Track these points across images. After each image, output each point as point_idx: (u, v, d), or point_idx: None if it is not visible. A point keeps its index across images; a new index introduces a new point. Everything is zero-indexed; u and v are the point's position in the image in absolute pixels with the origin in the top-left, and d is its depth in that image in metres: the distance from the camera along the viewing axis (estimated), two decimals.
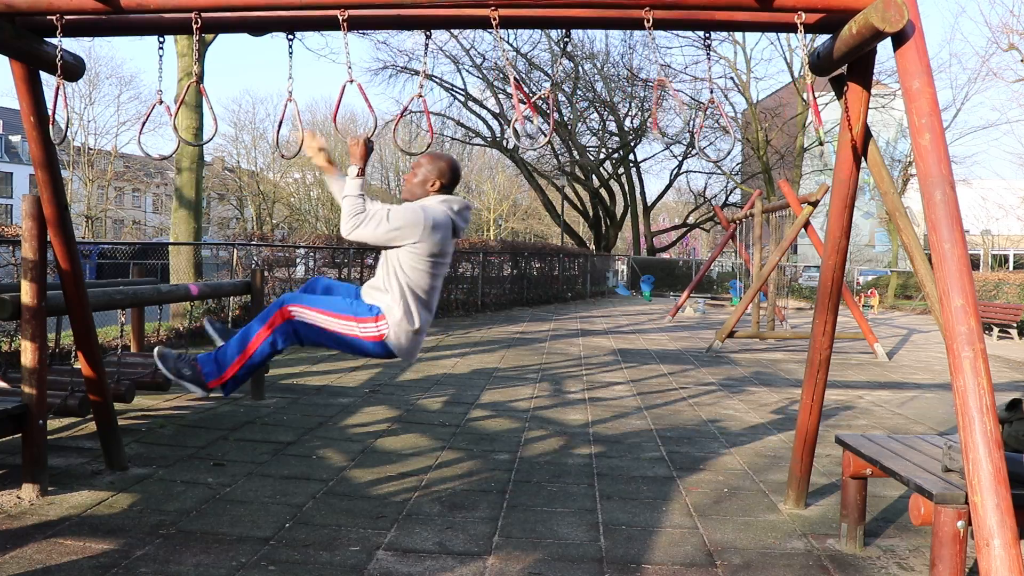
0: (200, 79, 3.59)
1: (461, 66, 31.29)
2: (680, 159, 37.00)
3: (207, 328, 3.50)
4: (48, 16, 3.53)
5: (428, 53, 3.66)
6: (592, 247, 37.61)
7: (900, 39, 3.16)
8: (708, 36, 3.65)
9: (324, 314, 3.24)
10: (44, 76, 4.03)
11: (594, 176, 36.41)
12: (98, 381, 4.69)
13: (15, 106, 31.71)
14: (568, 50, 29.51)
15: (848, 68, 3.70)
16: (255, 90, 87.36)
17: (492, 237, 42.21)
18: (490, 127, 33.52)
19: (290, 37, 3.57)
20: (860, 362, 11.61)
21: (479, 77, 31.35)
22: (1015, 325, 16.43)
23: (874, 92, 8.39)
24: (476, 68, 30.86)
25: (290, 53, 3.50)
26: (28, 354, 4.23)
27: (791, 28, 3.39)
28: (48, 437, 4.60)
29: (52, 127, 4.04)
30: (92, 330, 4.63)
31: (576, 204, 38.56)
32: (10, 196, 54.63)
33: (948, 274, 2.92)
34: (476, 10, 3.38)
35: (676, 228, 44.52)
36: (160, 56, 3.53)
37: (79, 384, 4.99)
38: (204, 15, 3.40)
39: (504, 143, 31.28)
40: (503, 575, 3.46)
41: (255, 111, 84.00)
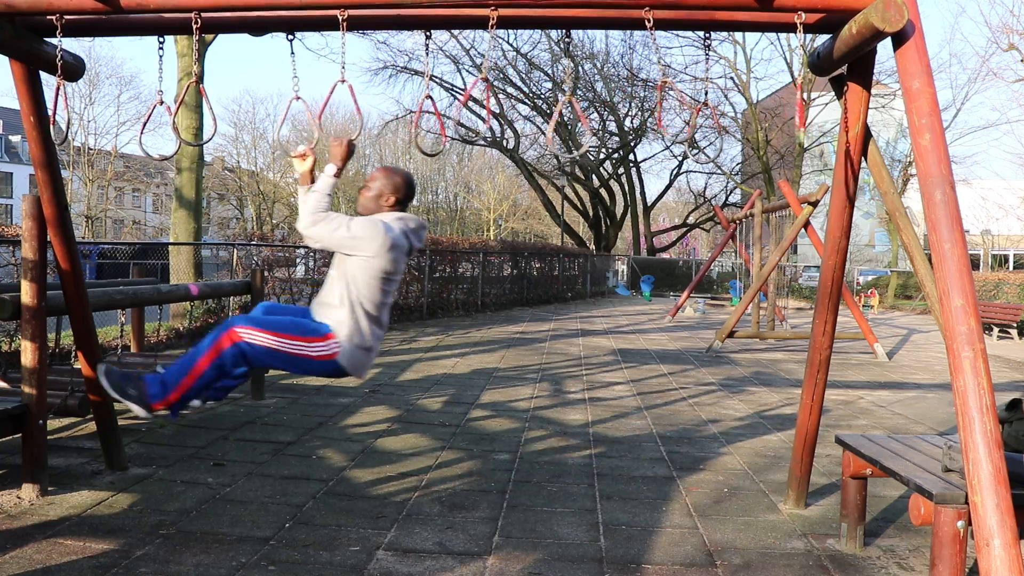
0: (200, 79, 3.60)
1: (461, 66, 31.36)
2: (680, 159, 37.05)
3: (102, 381, 3.24)
4: (48, 16, 3.53)
5: (428, 53, 3.66)
6: (592, 247, 37.61)
7: (900, 39, 3.17)
8: (708, 36, 3.65)
9: (272, 335, 3.10)
10: (44, 76, 4.03)
11: (594, 176, 36.42)
12: (98, 381, 4.68)
13: (15, 106, 31.64)
14: (569, 50, 29.51)
15: (848, 68, 3.70)
16: (255, 90, 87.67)
17: (492, 237, 42.20)
18: (490, 127, 33.51)
19: (290, 37, 3.57)
20: (860, 362, 11.61)
21: (479, 77, 31.30)
22: (1015, 325, 16.43)
23: (874, 92, 8.39)
24: (476, 68, 30.85)
25: (292, 53, 3.50)
26: (28, 354, 4.23)
27: (791, 28, 3.40)
28: (48, 437, 4.60)
29: (52, 127, 4.04)
30: (92, 330, 4.63)
31: (576, 204, 38.57)
32: (10, 196, 54.64)
33: (948, 274, 2.92)
34: (476, 10, 3.39)
35: (676, 228, 44.55)
36: (160, 56, 3.54)
37: (79, 384, 4.99)
38: (204, 15, 3.41)
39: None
40: (503, 575, 3.46)
41: (255, 111, 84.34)
